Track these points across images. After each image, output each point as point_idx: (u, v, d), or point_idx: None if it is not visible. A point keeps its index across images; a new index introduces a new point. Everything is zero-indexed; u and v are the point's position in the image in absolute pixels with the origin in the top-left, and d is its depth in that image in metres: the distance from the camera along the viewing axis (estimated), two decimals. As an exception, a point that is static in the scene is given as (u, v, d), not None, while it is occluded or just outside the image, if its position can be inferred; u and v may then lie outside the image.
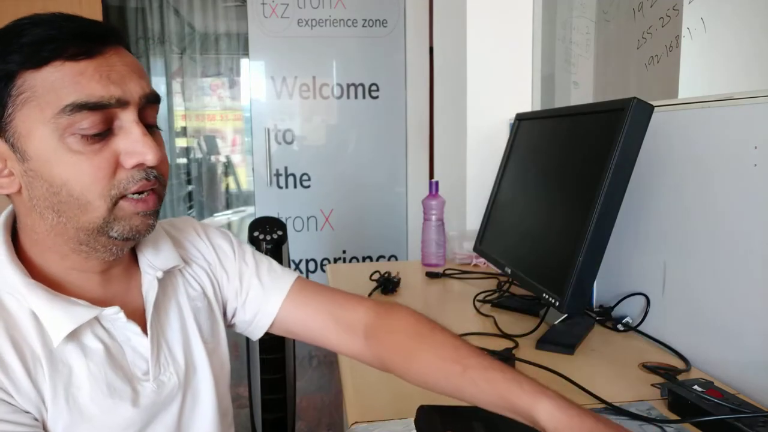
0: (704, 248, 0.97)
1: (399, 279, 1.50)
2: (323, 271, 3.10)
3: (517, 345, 1.08)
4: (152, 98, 0.61)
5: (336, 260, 3.12)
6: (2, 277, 0.59)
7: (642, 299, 1.13)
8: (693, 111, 0.99)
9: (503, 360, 0.94)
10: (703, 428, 0.75)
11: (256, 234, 1.96)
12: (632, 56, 1.39)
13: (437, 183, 1.72)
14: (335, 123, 3.10)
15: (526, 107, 1.81)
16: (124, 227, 0.60)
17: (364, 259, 3.14)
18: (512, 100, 1.80)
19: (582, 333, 1.11)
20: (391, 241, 3.15)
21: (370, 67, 3.05)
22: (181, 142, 3.65)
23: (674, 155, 1.04)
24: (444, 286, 1.55)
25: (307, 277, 3.18)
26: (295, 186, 3.09)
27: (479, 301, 1.35)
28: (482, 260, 1.69)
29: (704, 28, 1.16)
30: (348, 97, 3.06)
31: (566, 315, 1.15)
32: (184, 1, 3.41)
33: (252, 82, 3.07)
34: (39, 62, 0.55)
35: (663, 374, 0.93)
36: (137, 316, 0.66)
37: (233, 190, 3.88)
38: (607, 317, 1.19)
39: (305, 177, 3.08)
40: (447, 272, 1.63)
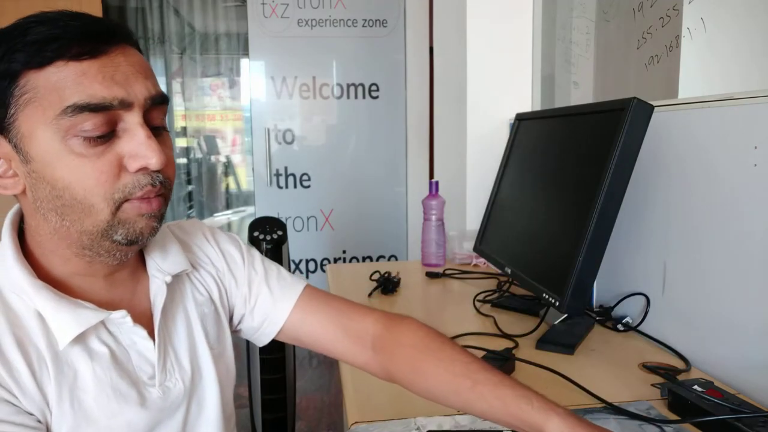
0: (704, 248, 0.97)
1: (399, 279, 1.50)
2: (323, 271, 3.10)
3: (517, 345, 1.08)
4: (158, 99, 0.60)
5: (336, 260, 3.12)
6: (9, 277, 0.59)
7: (642, 299, 1.13)
8: (693, 111, 0.99)
9: (503, 360, 0.94)
10: (703, 428, 0.75)
11: (256, 234, 1.96)
12: (632, 56, 1.39)
13: (437, 183, 1.72)
14: (335, 123, 3.10)
15: (526, 107, 1.81)
16: (129, 230, 0.59)
17: (364, 259, 3.14)
18: (512, 100, 1.80)
19: (582, 333, 1.11)
20: (391, 241, 3.15)
21: (370, 67, 3.05)
22: (181, 142, 3.65)
23: (674, 155, 1.04)
24: (444, 286, 1.55)
25: (307, 277, 3.18)
26: (295, 186, 3.09)
27: (479, 301, 1.35)
28: (482, 260, 1.69)
29: (704, 28, 1.16)
30: (348, 97, 3.06)
31: (566, 315, 1.15)
32: (184, 1, 3.41)
33: (252, 82, 3.07)
34: (42, 62, 0.54)
35: (663, 374, 0.93)
36: (144, 320, 0.65)
37: (233, 190, 3.88)
38: (607, 317, 1.19)
39: (305, 177, 3.08)
40: (447, 272, 1.63)
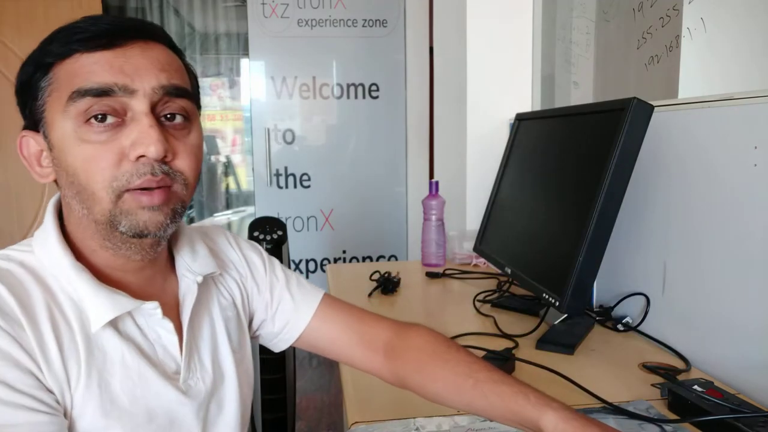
0: (704, 248, 0.97)
1: (399, 279, 1.50)
2: (323, 271, 3.10)
3: (517, 345, 1.08)
4: (173, 91, 0.60)
5: (336, 260, 3.12)
6: (50, 258, 0.60)
7: (642, 299, 1.13)
8: (693, 111, 0.99)
9: (503, 360, 0.94)
10: (703, 428, 0.75)
11: (256, 234, 1.96)
12: (632, 56, 1.39)
13: (437, 183, 1.72)
14: (335, 123, 3.10)
15: (526, 107, 1.81)
16: (131, 222, 0.59)
17: (364, 259, 3.14)
18: (512, 100, 1.80)
19: (582, 333, 1.11)
20: (391, 241, 3.15)
21: (370, 67, 3.05)
22: (181, 142, 3.64)
23: (674, 155, 1.04)
24: (444, 286, 1.55)
25: (307, 277, 3.18)
26: (295, 186, 3.09)
27: (479, 301, 1.35)
28: (482, 260, 1.69)
29: (704, 28, 1.16)
30: (348, 97, 3.06)
31: (566, 315, 1.15)
32: (184, 1, 3.41)
33: (252, 82, 3.07)
34: (64, 54, 0.58)
35: (663, 374, 0.93)
36: (170, 317, 0.66)
37: (233, 190, 3.88)
38: (607, 317, 1.19)
39: (305, 177, 3.08)
40: (447, 272, 1.63)
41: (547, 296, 1.03)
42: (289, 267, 2.21)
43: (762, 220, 0.85)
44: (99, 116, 0.57)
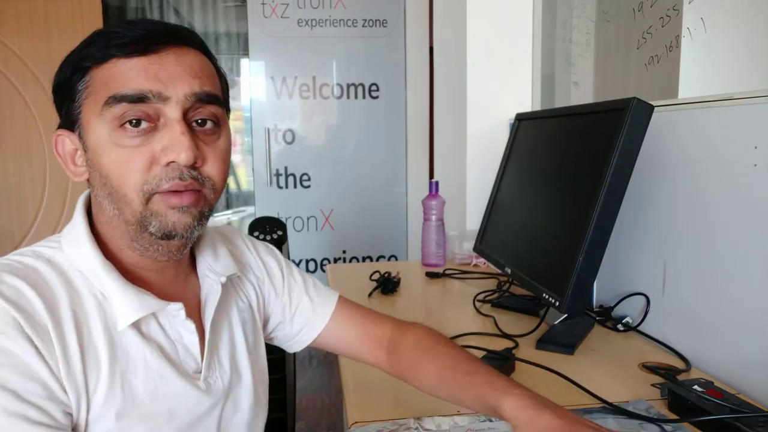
0: (704, 248, 0.97)
1: (399, 279, 1.50)
2: (323, 271, 3.10)
3: (517, 345, 1.08)
4: (204, 98, 0.61)
5: (336, 260, 3.12)
6: (78, 255, 0.61)
7: (642, 299, 1.13)
8: (693, 111, 0.99)
9: (503, 360, 0.94)
10: (703, 428, 0.75)
11: (256, 234, 1.96)
12: (632, 56, 1.39)
13: (437, 183, 1.72)
14: (335, 123, 3.10)
15: (526, 107, 1.81)
16: (161, 222, 0.60)
17: (364, 259, 3.14)
18: (512, 100, 1.80)
19: (582, 333, 1.11)
20: (391, 241, 3.15)
21: (370, 67, 3.05)
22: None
23: (674, 155, 1.04)
24: (444, 286, 1.55)
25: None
26: (295, 186, 3.09)
27: (479, 301, 1.35)
28: (482, 260, 1.69)
29: (704, 28, 1.16)
30: (348, 97, 3.06)
31: (566, 315, 1.15)
32: (184, 1, 3.41)
33: (252, 82, 3.07)
34: (102, 59, 0.59)
35: (663, 374, 0.93)
36: (192, 317, 0.67)
37: (233, 190, 3.87)
38: (607, 317, 1.19)
39: (305, 177, 3.08)
40: (447, 272, 1.63)
41: (547, 296, 1.03)
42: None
43: (762, 220, 0.85)
44: (133, 121, 0.58)
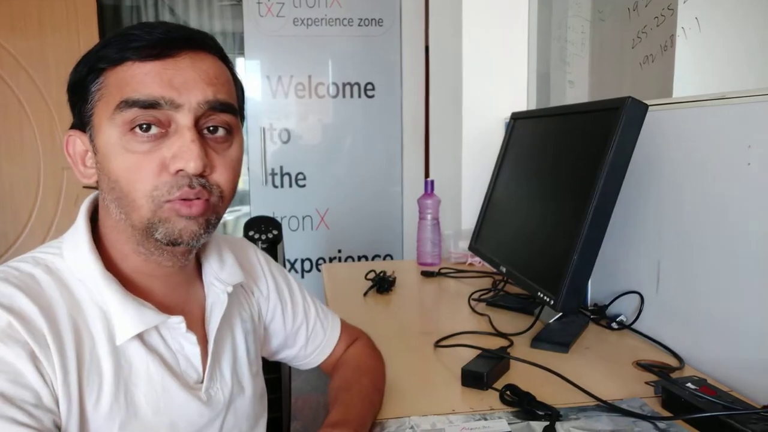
0: (698, 247, 0.97)
1: (394, 278, 1.51)
2: (318, 271, 3.09)
3: (512, 343, 1.08)
4: (218, 106, 0.60)
5: (331, 260, 3.11)
6: (79, 264, 0.60)
7: (636, 297, 1.13)
8: (687, 110, 1.00)
9: (498, 359, 0.94)
10: (696, 425, 0.76)
11: (252, 233, 1.95)
12: (627, 55, 1.39)
13: (432, 182, 1.72)
14: (331, 122, 3.10)
15: (522, 106, 1.81)
16: (168, 229, 0.59)
17: (360, 259, 3.13)
18: (508, 99, 1.81)
19: (576, 331, 1.12)
20: (387, 241, 3.15)
21: (366, 66, 3.05)
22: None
23: (669, 154, 1.04)
24: (439, 285, 1.56)
25: (302, 277, 3.15)
26: (291, 185, 3.08)
27: (474, 300, 1.35)
28: (477, 259, 1.69)
29: (699, 28, 1.16)
30: (344, 96, 3.06)
31: (561, 313, 1.15)
32: (180, 0, 3.40)
33: (247, 81, 3.06)
34: (116, 61, 0.58)
35: (657, 372, 0.93)
36: (194, 326, 0.66)
37: (229, 190, 3.88)
38: (602, 316, 1.19)
39: (300, 176, 3.08)
40: (442, 271, 1.63)
41: (542, 295, 1.03)
42: (285, 266, 2.20)
43: (755, 219, 0.85)
44: (144, 126, 0.57)
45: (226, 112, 0.61)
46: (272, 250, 1.92)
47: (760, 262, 0.84)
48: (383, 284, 1.46)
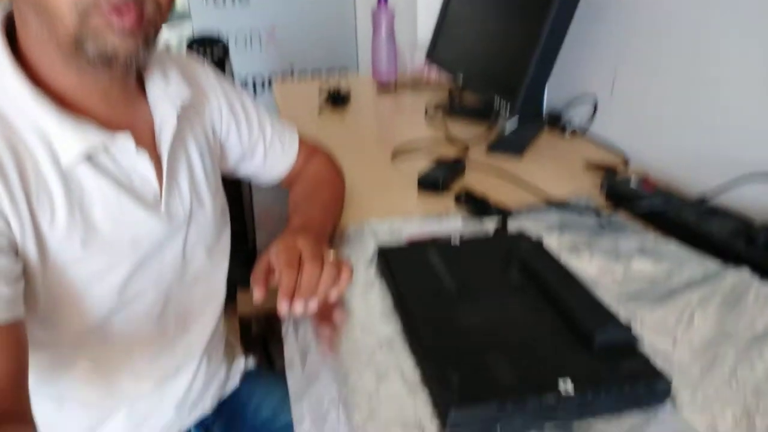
0: (654, 49, 0.96)
1: (349, 94, 1.47)
2: (271, 88, 2.99)
3: (469, 151, 1.10)
4: None
5: (284, 76, 3.00)
6: (5, 86, 0.54)
7: (590, 102, 1.14)
8: None
9: (453, 165, 0.96)
10: (636, 216, 0.81)
11: (197, 53, 1.83)
12: None
13: (387, -10, 1.60)
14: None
15: None
16: (99, 45, 0.53)
17: (313, 74, 3.03)
18: None
19: (531, 137, 1.14)
20: (341, 55, 3.02)
21: None
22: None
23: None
24: (396, 98, 1.53)
25: (255, 96, 3.05)
26: (234, 2, 2.84)
27: (431, 111, 1.34)
28: (434, 72, 1.65)
29: None
30: None
31: (517, 119, 1.16)
32: None
33: None
34: None
35: (605, 171, 0.98)
36: (145, 145, 0.63)
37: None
38: (557, 121, 1.21)
39: (244, -11, 2.82)
40: (398, 84, 1.60)
41: (499, 101, 1.03)
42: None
43: (705, 24, 0.83)
44: None
45: None
46: (220, 69, 1.82)
47: (709, 65, 0.85)
48: (338, 99, 1.43)
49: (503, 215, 0.83)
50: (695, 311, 0.60)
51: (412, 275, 0.65)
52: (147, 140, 0.65)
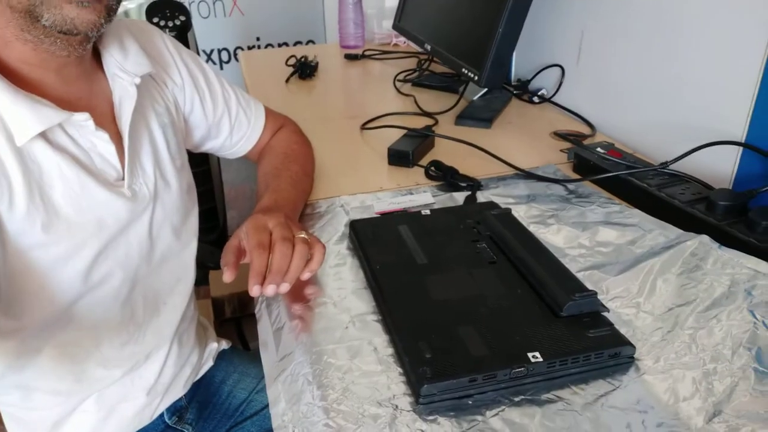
0: (620, 15, 0.96)
1: (317, 63, 1.45)
2: (236, 60, 2.92)
3: (437, 122, 1.10)
4: None
5: (250, 48, 2.93)
6: None
7: (558, 71, 1.15)
8: None
9: (423, 137, 0.96)
10: (602, 184, 0.83)
11: (156, 21, 1.77)
12: None
13: (352, -46, 1.56)
14: None
15: None
16: (56, 17, 0.51)
17: (280, 46, 2.96)
18: None
19: (499, 107, 1.14)
20: (308, 25, 2.95)
21: None
22: None
23: None
24: (363, 68, 1.51)
25: (221, 69, 2.97)
26: (194, -35, 2.73)
27: (399, 81, 1.33)
28: (402, 39, 1.63)
29: None
30: None
31: (485, 90, 1.16)
32: None
33: None
34: None
35: (571, 140, 0.99)
36: (104, 123, 0.60)
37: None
38: (524, 90, 1.22)
39: (204, -47, 2.72)
40: (366, 53, 1.58)
41: (467, 71, 1.03)
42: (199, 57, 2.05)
43: (679, -19, 0.84)
44: None
45: None
46: (182, 39, 1.76)
47: (672, 35, 0.85)
48: (305, 70, 1.41)
49: (473, 186, 0.83)
50: (657, 278, 0.62)
51: (383, 248, 0.66)
52: (106, 117, 0.63)
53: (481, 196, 0.81)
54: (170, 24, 1.77)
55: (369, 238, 0.68)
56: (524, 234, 0.66)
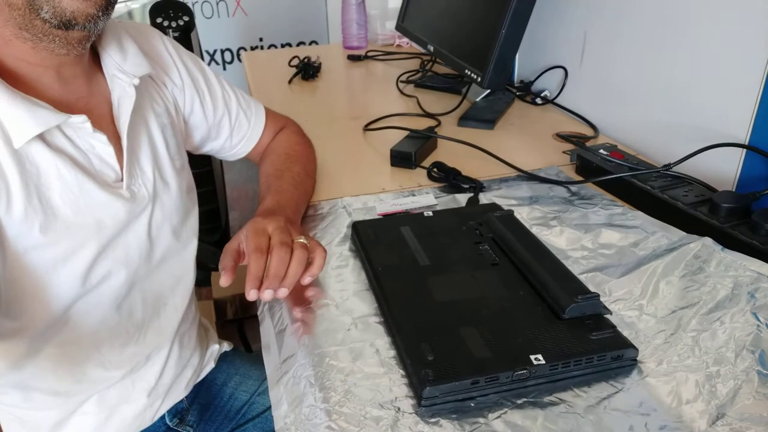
0: (624, 17, 0.96)
1: (320, 64, 1.45)
2: (239, 61, 2.92)
3: (440, 123, 1.10)
4: None
5: (253, 48, 2.93)
6: None
7: (561, 72, 1.15)
8: None
9: (426, 138, 0.96)
10: (605, 186, 0.83)
11: (160, 21, 1.77)
12: None
13: (355, -45, 1.56)
14: None
15: None
16: (55, 9, 0.51)
17: (283, 47, 2.97)
18: None
19: (502, 108, 1.14)
20: (311, 25, 2.96)
21: None
22: None
23: None
24: (367, 69, 1.51)
25: (224, 69, 2.97)
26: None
27: (402, 82, 1.33)
28: (405, 40, 1.63)
29: None
30: None
31: (488, 91, 1.16)
32: None
33: None
34: None
35: (573, 141, 0.99)
36: (102, 124, 0.61)
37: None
38: (527, 92, 1.21)
39: (208, -47, 2.73)
40: (369, 54, 1.58)
41: (470, 72, 1.03)
42: (203, 58, 2.05)
43: (683, -17, 0.84)
44: None
45: None
46: (185, 40, 1.77)
47: (675, 37, 0.85)
48: (308, 70, 1.41)
49: (475, 188, 0.83)
50: (660, 281, 0.62)
51: (386, 250, 0.66)
52: (105, 117, 0.63)
53: (484, 198, 0.81)
54: (173, 24, 1.77)
55: (371, 240, 0.68)
56: (527, 236, 0.66)
